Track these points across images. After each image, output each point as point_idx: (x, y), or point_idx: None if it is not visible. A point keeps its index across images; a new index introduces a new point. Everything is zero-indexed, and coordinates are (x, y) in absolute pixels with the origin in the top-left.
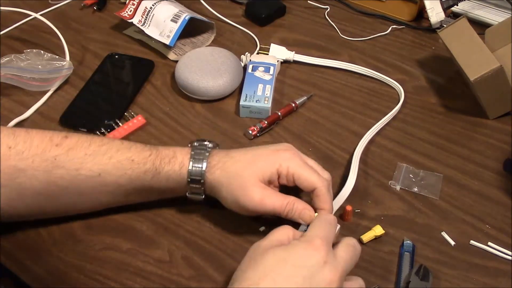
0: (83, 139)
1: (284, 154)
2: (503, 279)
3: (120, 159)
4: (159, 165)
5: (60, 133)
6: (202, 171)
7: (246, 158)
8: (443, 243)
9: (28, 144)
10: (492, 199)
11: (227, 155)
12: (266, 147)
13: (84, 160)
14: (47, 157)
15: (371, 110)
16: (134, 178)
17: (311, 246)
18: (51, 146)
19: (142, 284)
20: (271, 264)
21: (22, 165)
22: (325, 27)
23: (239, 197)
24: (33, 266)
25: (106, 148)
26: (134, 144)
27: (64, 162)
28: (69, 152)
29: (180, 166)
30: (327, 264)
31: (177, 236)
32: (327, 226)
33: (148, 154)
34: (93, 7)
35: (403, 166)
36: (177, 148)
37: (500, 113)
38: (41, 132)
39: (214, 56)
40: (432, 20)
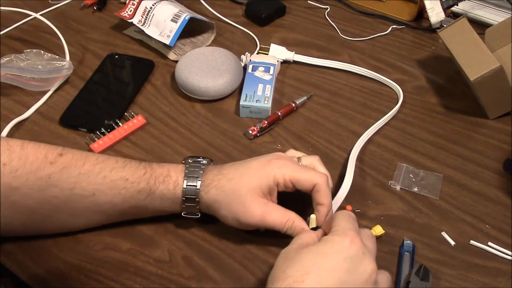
0: (77, 157)
1: (276, 163)
2: (503, 279)
3: (114, 179)
4: (154, 184)
5: (55, 149)
6: (196, 190)
7: (239, 173)
8: (443, 243)
9: (22, 161)
10: (492, 199)
11: (219, 173)
12: (256, 159)
13: (78, 179)
14: (42, 175)
15: (371, 110)
16: (128, 197)
17: (348, 238)
18: (45, 164)
19: (142, 284)
20: (311, 260)
21: (16, 183)
22: (325, 27)
23: (239, 215)
24: (33, 266)
25: (100, 167)
26: (129, 162)
27: (58, 181)
28: (63, 170)
29: (174, 185)
30: (365, 255)
31: (177, 236)
32: (352, 220)
33: (143, 172)
34: (93, 7)
35: (403, 166)
36: (171, 166)
37: (500, 113)
38: (36, 147)
39: (214, 56)
40: (432, 20)
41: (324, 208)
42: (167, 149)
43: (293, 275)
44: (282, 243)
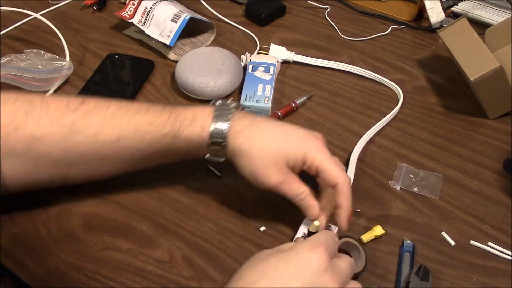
0: (101, 104)
1: (313, 143)
2: (503, 279)
3: (139, 123)
4: (179, 128)
5: (76, 98)
6: (224, 134)
7: (275, 135)
8: (443, 243)
9: (44, 110)
10: (492, 199)
11: (253, 124)
12: (296, 126)
13: (102, 124)
14: (65, 123)
15: (371, 110)
16: (153, 142)
17: (314, 251)
18: (68, 112)
19: (142, 284)
20: (272, 264)
21: (39, 133)
22: (325, 27)
23: (258, 173)
24: (33, 266)
25: (124, 111)
26: (152, 106)
27: (82, 127)
28: (86, 116)
29: (201, 128)
30: (327, 272)
31: (177, 236)
32: (331, 240)
33: (167, 116)
34: (93, 7)
35: (403, 166)
36: (197, 108)
37: (500, 113)
38: (57, 98)
39: (214, 56)
40: (432, 20)
41: (343, 212)
42: None
43: (249, 278)
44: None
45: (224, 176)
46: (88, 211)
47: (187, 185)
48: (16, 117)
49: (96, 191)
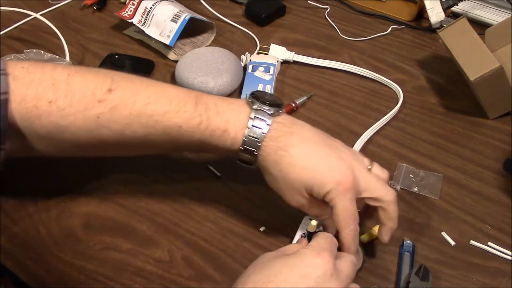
0: (128, 95)
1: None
2: (503, 279)
3: (167, 125)
4: (210, 137)
5: (104, 82)
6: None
7: (303, 166)
8: (443, 243)
9: (69, 99)
10: (492, 199)
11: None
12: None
13: (128, 121)
14: (90, 115)
15: (371, 110)
16: (182, 143)
17: (319, 257)
18: (93, 103)
19: (142, 284)
20: (277, 269)
21: (64, 123)
22: (325, 27)
23: (281, 192)
24: (33, 266)
25: (152, 109)
26: (183, 106)
27: (107, 122)
28: (112, 110)
29: (232, 142)
30: (333, 277)
31: (177, 236)
32: (332, 242)
33: (198, 122)
34: (93, 7)
35: (403, 166)
36: (230, 116)
37: (500, 113)
38: (83, 82)
39: (214, 56)
40: (432, 20)
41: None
42: None
43: (255, 281)
44: (282, 244)
45: (224, 176)
46: (88, 211)
47: (187, 185)
48: (40, 105)
49: (96, 191)
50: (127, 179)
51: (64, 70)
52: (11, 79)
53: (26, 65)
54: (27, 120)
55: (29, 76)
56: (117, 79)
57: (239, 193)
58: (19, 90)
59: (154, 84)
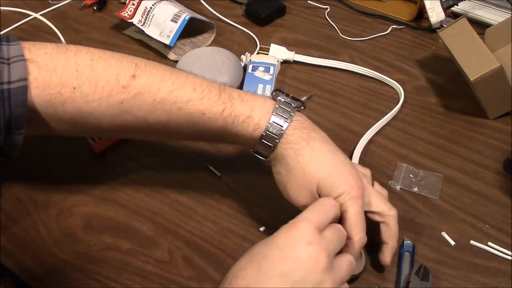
0: (152, 82)
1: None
2: (503, 279)
3: (190, 112)
4: (232, 124)
5: (128, 67)
6: (275, 141)
7: (322, 163)
8: (443, 243)
9: (93, 85)
10: (492, 199)
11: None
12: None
13: (152, 107)
14: (114, 101)
15: (371, 110)
16: (204, 131)
17: (293, 227)
18: (117, 89)
19: (142, 284)
20: (258, 249)
21: (87, 108)
22: (325, 27)
23: (288, 189)
24: (33, 266)
25: (175, 95)
26: (207, 93)
27: (131, 108)
28: (136, 97)
29: (254, 128)
30: (311, 245)
31: (177, 236)
32: (320, 209)
33: (221, 109)
34: (93, 7)
35: (403, 166)
36: (255, 103)
37: (500, 113)
38: (107, 66)
39: (214, 56)
40: (432, 20)
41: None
42: (168, 148)
43: (239, 264)
44: None
45: (224, 176)
46: (88, 211)
47: (187, 185)
48: (64, 91)
49: (96, 191)
50: (127, 179)
51: (87, 55)
52: (34, 66)
53: (49, 50)
54: (50, 106)
55: (52, 63)
56: (141, 65)
57: (239, 193)
58: (43, 77)
59: (177, 71)
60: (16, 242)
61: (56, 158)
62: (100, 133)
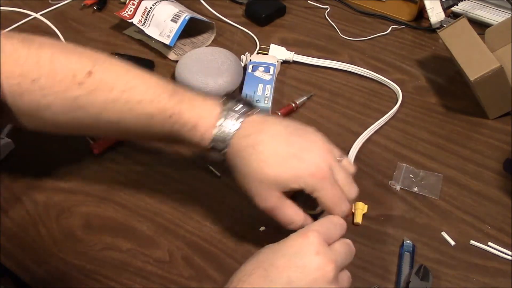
0: (107, 80)
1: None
2: (503, 279)
3: (140, 113)
4: (178, 130)
5: (86, 64)
6: (224, 151)
7: (273, 162)
8: (443, 243)
9: (51, 79)
10: (492, 199)
11: (254, 146)
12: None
13: (104, 105)
14: (69, 96)
15: (371, 110)
16: (153, 132)
17: (303, 237)
18: (73, 85)
19: (142, 284)
20: (265, 255)
21: (45, 102)
22: (325, 27)
23: (252, 194)
24: (33, 266)
25: (127, 96)
26: (157, 96)
27: (85, 105)
28: (90, 94)
29: (200, 138)
30: (320, 255)
31: (177, 236)
32: (328, 224)
33: (169, 114)
34: (93, 7)
35: (403, 166)
36: (202, 112)
37: (500, 113)
38: (67, 62)
39: (214, 56)
40: (432, 20)
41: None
42: (168, 149)
43: (245, 269)
44: None
45: (224, 176)
46: (88, 211)
47: (187, 185)
48: (24, 82)
49: (96, 191)
50: (127, 179)
51: (50, 49)
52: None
53: (15, 41)
54: (11, 97)
55: (16, 53)
56: (99, 61)
57: (239, 193)
58: (6, 66)
59: (134, 70)
60: (16, 242)
61: (56, 158)
62: (57, 129)
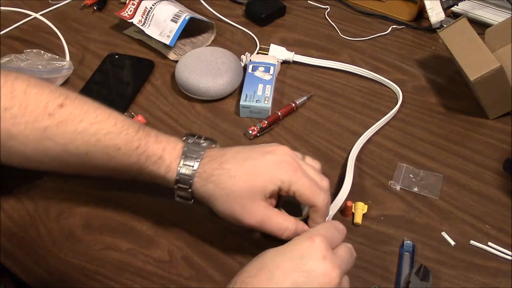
0: (77, 112)
1: (285, 170)
2: (503, 279)
3: (107, 145)
4: (144, 163)
5: (58, 97)
6: (190, 182)
7: (243, 171)
8: (443, 243)
9: (23, 108)
10: (492, 199)
11: (220, 167)
12: (263, 156)
13: (72, 136)
14: (39, 126)
15: (371, 110)
16: (119, 166)
17: (310, 241)
18: (43, 115)
19: (142, 284)
20: (270, 257)
21: (14, 130)
22: (325, 27)
23: (237, 215)
24: (33, 266)
25: (96, 128)
26: (126, 129)
27: (53, 135)
28: (59, 124)
29: (166, 170)
30: (326, 259)
31: (177, 236)
32: (332, 229)
33: (136, 146)
34: (93, 7)
35: (403, 166)
36: (167, 145)
37: (500, 113)
38: (39, 94)
39: (214, 56)
40: (432, 20)
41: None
42: None
43: (250, 271)
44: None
45: None
46: (88, 211)
47: None
48: None
49: (96, 191)
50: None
51: (24, 82)
52: None
53: None
54: None
55: None
56: (71, 97)
57: None
58: None
59: (104, 108)
60: (16, 242)
61: None
62: (23, 160)
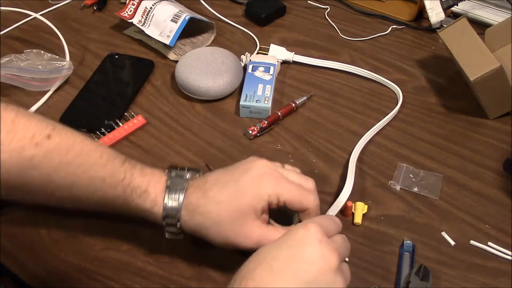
0: (63, 144)
1: (269, 183)
2: (503, 279)
3: (93, 176)
4: (130, 195)
5: (45, 128)
6: (178, 215)
7: (228, 194)
8: (443, 243)
9: (10, 137)
10: (492, 199)
11: (204, 196)
12: (244, 174)
13: (58, 167)
14: (24, 155)
15: (371, 110)
16: (105, 198)
17: (305, 228)
18: (30, 144)
19: (142, 284)
20: (267, 251)
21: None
22: (325, 27)
23: (232, 240)
24: (33, 266)
25: (82, 160)
26: (112, 161)
27: (39, 165)
28: (45, 155)
29: (152, 204)
30: (322, 243)
31: None
32: (327, 219)
33: (122, 177)
34: (93, 7)
35: (403, 166)
36: (152, 178)
37: (500, 113)
38: (28, 124)
39: (214, 56)
40: (432, 20)
41: None
42: (167, 149)
43: (249, 265)
44: None
45: None
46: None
47: None
48: None
49: None
50: None
51: (13, 111)
52: None
53: None
54: None
55: None
56: (59, 128)
57: None
58: None
59: (91, 140)
60: (16, 242)
61: None
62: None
